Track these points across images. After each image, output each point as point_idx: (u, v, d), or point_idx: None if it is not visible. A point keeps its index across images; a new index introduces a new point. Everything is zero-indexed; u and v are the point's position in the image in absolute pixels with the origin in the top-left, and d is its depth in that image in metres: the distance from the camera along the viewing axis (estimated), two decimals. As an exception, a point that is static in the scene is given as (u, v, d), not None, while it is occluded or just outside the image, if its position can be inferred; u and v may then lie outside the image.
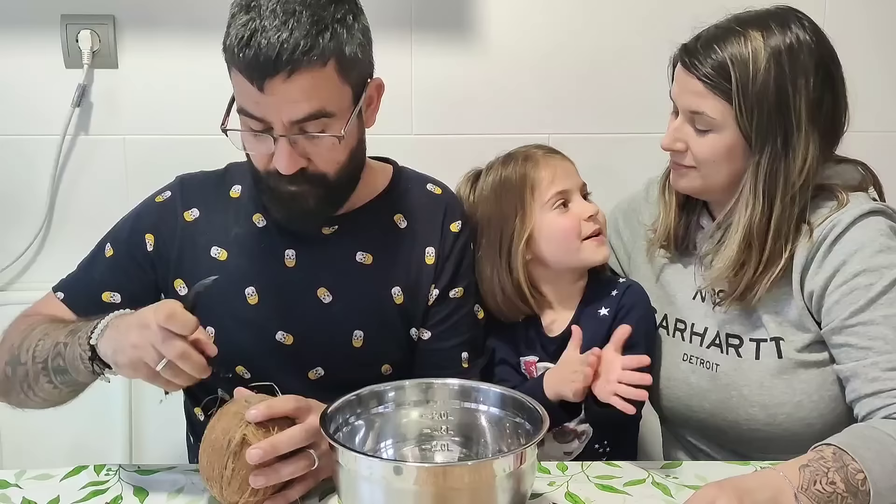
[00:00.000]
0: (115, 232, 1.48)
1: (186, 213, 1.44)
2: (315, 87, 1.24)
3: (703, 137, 1.40)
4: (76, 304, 1.43)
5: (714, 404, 1.45)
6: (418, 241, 1.45)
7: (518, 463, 1.09)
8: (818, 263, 1.36)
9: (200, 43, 1.91)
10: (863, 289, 1.31)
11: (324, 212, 1.38)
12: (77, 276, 1.48)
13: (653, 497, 1.25)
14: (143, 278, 1.44)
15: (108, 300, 1.42)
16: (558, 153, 1.55)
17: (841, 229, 1.34)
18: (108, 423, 2.00)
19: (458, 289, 1.47)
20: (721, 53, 1.36)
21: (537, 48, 1.95)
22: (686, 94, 1.40)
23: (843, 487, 1.13)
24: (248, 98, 1.26)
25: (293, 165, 1.28)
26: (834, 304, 1.33)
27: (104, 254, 1.46)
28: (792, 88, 1.34)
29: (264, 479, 1.15)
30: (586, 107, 1.98)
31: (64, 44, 1.89)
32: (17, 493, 1.22)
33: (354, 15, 1.29)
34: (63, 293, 1.45)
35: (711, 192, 1.46)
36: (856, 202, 1.37)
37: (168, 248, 1.44)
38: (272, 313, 1.41)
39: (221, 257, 1.42)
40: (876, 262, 1.31)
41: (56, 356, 1.26)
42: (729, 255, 1.39)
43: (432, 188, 1.52)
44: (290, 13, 1.22)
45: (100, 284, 1.44)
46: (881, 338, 1.29)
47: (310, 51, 1.21)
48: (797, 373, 1.39)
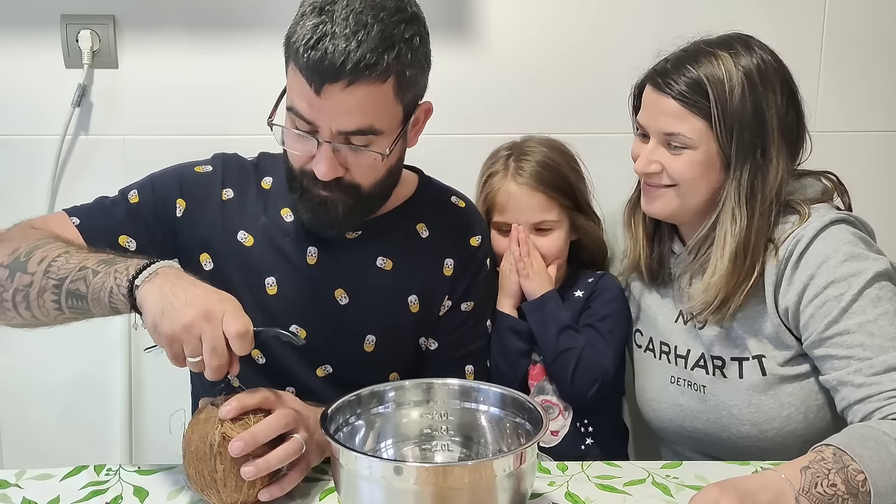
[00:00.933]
0: (143, 184, 1.45)
1: (224, 192, 1.44)
2: (370, 101, 1.25)
3: (679, 156, 1.41)
4: (91, 235, 1.38)
5: (706, 424, 1.47)
6: (438, 252, 1.46)
7: (518, 463, 1.09)
8: (787, 280, 1.37)
9: (200, 43, 1.91)
10: (833, 300, 1.33)
11: (350, 222, 1.38)
12: (95, 210, 1.43)
13: (653, 497, 1.25)
14: (160, 237, 1.42)
15: (123, 244, 1.39)
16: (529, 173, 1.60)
17: (805, 243, 1.36)
18: (108, 423, 2.00)
19: (470, 302, 1.48)
20: (695, 72, 1.39)
21: (537, 48, 1.95)
22: (660, 116, 1.41)
23: (844, 489, 1.14)
24: (301, 98, 1.26)
25: (332, 172, 1.29)
26: (809, 319, 1.35)
27: (128, 199, 1.43)
28: (765, 104, 1.38)
29: (254, 469, 1.14)
30: (586, 107, 1.98)
31: (64, 44, 1.89)
32: (17, 493, 1.22)
33: (422, 38, 1.29)
34: (79, 220, 1.40)
35: (685, 214, 1.46)
36: (817, 214, 1.39)
37: (198, 220, 1.42)
38: (288, 306, 1.41)
39: (247, 243, 1.42)
40: (842, 271, 1.33)
41: (78, 280, 1.21)
42: (723, 266, 1.39)
43: (456, 201, 1.53)
44: (362, 25, 1.22)
45: (119, 226, 1.40)
46: (859, 345, 1.30)
47: (374, 66, 1.22)
48: (783, 387, 1.41)
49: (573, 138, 1.79)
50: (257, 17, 1.91)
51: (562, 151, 1.65)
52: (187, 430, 1.19)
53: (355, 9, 1.23)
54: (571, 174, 1.63)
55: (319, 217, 1.35)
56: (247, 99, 1.92)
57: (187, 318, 1.11)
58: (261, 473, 1.15)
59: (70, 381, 2.01)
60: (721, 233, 1.40)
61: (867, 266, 1.33)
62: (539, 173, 1.59)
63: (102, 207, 1.43)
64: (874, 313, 1.31)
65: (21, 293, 1.25)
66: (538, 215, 1.58)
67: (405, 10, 1.27)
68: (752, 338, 1.41)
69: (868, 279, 1.32)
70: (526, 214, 1.58)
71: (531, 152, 1.62)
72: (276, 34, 1.99)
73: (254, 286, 1.41)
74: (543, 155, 1.62)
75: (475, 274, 1.49)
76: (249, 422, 1.16)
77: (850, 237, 1.36)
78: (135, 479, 1.27)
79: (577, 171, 1.65)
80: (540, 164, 1.60)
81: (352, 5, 1.24)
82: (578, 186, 1.63)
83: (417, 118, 1.37)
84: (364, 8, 1.24)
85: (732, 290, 1.39)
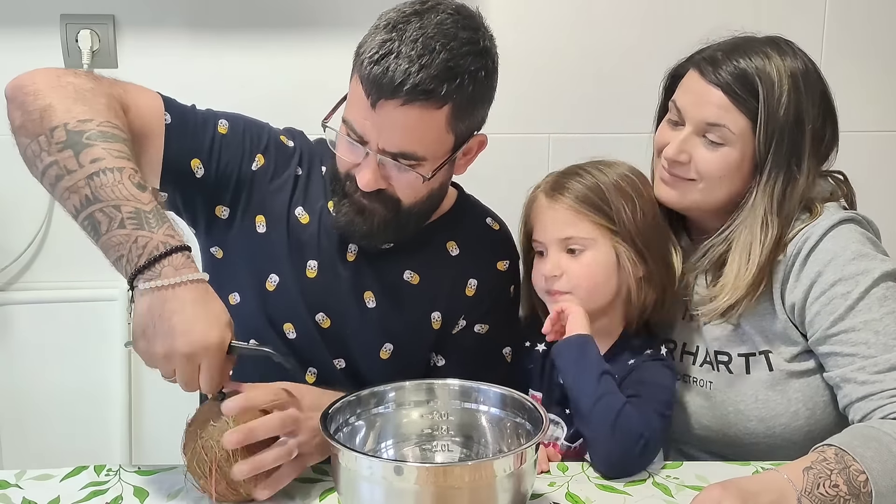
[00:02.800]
0: (233, 118, 1.42)
1: (298, 168, 1.44)
2: (420, 125, 1.25)
3: (713, 151, 1.38)
4: (172, 140, 1.32)
5: (713, 421, 1.46)
6: (464, 271, 1.45)
7: (518, 463, 1.09)
8: (795, 276, 1.37)
9: (200, 43, 1.91)
10: (840, 297, 1.32)
11: (382, 235, 1.38)
12: (188, 119, 1.36)
13: (653, 497, 1.25)
14: (226, 177, 1.38)
15: (194, 168, 1.35)
16: (564, 193, 1.41)
17: (814, 241, 1.36)
18: (108, 423, 2.00)
19: (485, 325, 1.47)
20: (746, 67, 1.35)
21: (537, 48, 1.95)
22: (705, 104, 1.37)
23: (846, 490, 1.14)
24: (357, 110, 1.27)
25: (373, 184, 1.30)
26: (815, 316, 1.35)
27: (217, 126, 1.38)
28: (805, 114, 1.36)
29: (248, 468, 1.14)
30: (586, 107, 1.98)
31: (64, 43, 1.89)
32: (17, 493, 1.22)
33: (488, 72, 1.29)
34: (170, 119, 1.32)
35: (701, 209, 1.44)
36: (827, 213, 1.39)
37: (268, 182, 1.41)
38: (322, 293, 1.41)
39: (304, 220, 1.41)
40: (850, 270, 1.33)
41: (105, 215, 1.13)
42: (750, 273, 1.37)
43: (491, 223, 1.52)
44: (430, 50, 1.22)
45: (199, 148, 1.35)
46: (864, 343, 1.30)
47: (431, 92, 1.23)
48: (790, 383, 1.40)
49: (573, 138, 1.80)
50: (257, 18, 1.91)
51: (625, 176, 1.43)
52: (191, 420, 1.20)
53: (427, 33, 1.23)
54: (618, 196, 1.40)
55: (355, 224, 1.35)
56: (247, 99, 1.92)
57: (163, 352, 1.10)
58: (254, 472, 1.15)
59: (70, 381, 2.01)
60: (746, 239, 1.37)
61: (875, 266, 1.33)
62: (572, 186, 1.41)
63: (195, 121, 1.37)
64: (880, 312, 1.31)
65: (57, 170, 1.16)
66: (564, 230, 1.41)
67: (476, 43, 1.27)
68: (759, 334, 1.41)
69: (875, 278, 1.32)
70: (551, 230, 1.42)
71: (580, 170, 1.44)
72: (276, 34, 1.99)
73: (296, 263, 1.40)
74: (590, 172, 1.43)
75: (496, 298, 1.48)
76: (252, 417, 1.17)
77: (858, 236, 1.36)
78: (135, 479, 1.27)
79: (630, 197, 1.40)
80: (578, 179, 1.42)
81: (424, 29, 1.24)
82: (626, 210, 1.39)
83: (470, 148, 1.37)
84: (436, 34, 1.23)
85: (751, 293, 1.38)
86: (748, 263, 1.37)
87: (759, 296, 1.39)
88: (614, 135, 1.96)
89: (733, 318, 1.41)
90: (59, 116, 1.18)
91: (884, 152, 2.04)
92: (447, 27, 1.25)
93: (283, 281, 1.40)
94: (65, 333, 1.99)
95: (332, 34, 1.89)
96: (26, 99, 1.21)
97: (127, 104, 1.28)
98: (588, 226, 1.38)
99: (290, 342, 1.41)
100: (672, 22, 1.92)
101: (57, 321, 1.98)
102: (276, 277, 1.40)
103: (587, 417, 1.31)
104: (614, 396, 1.31)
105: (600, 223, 1.38)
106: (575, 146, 1.71)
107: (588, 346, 1.35)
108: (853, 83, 1.96)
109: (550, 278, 1.40)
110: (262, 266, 1.40)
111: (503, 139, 1.69)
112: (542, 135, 1.98)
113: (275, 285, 1.40)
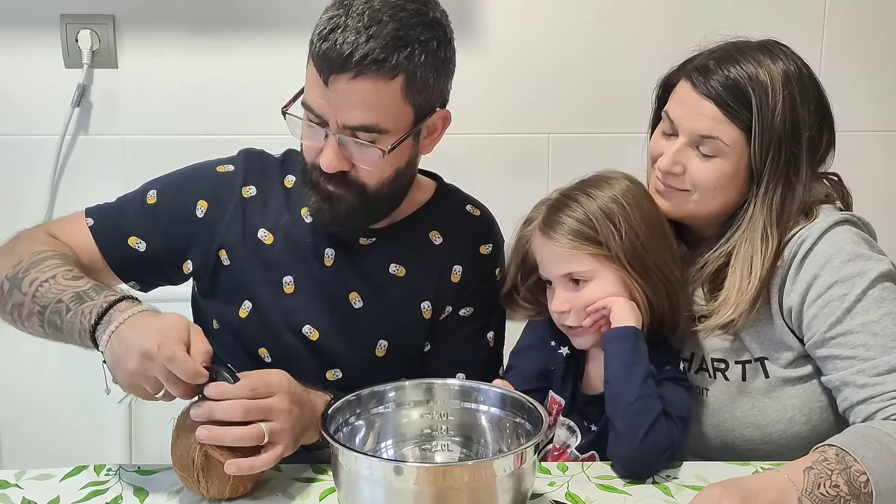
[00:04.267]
0: (164, 182, 1.46)
1: (245, 189, 1.44)
2: (375, 97, 1.25)
3: (706, 163, 1.36)
4: (102, 237, 1.41)
5: (708, 428, 1.45)
6: (449, 259, 1.45)
7: (518, 463, 1.09)
8: (791, 280, 1.36)
9: (200, 43, 1.91)
10: (837, 300, 1.31)
11: (354, 221, 1.38)
12: (111, 211, 1.44)
13: (653, 497, 1.25)
14: (175, 238, 1.42)
15: (133, 245, 1.41)
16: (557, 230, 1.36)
17: (810, 244, 1.35)
18: (108, 423, 2.00)
19: (469, 308, 1.47)
20: (738, 77, 1.33)
21: (537, 48, 1.95)
22: (697, 117, 1.35)
23: (847, 490, 1.13)
24: (313, 91, 1.28)
25: (335, 165, 1.30)
26: (813, 319, 1.34)
27: (146, 199, 1.43)
28: (801, 121, 1.34)
29: (207, 433, 1.15)
30: (586, 107, 1.98)
31: (64, 43, 1.89)
32: (17, 493, 1.22)
33: (440, 43, 1.29)
34: (93, 221, 1.42)
35: (696, 218, 1.43)
36: (822, 216, 1.37)
37: (218, 219, 1.43)
38: (304, 305, 1.41)
39: (267, 241, 1.42)
40: (846, 272, 1.32)
41: (55, 312, 1.24)
42: (752, 287, 1.35)
43: (471, 209, 1.52)
44: (377, 21, 1.23)
45: (131, 226, 1.42)
46: (862, 345, 1.29)
47: (381, 62, 1.23)
48: (786, 389, 1.40)
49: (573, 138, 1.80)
50: (257, 18, 1.91)
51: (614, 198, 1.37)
52: (173, 429, 1.21)
53: (373, 5, 1.24)
54: (606, 224, 1.34)
55: (323, 212, 1.36)
56: (247, 99, 1.92)
57: (131, 365, 1.14)
58: (212, 441, 1.15)
59: (70, 381, 2.01)
60: (747, 252, 1.36)
61: (871, 267, 1.32)
62: (564, 221, 1.36)
63: (118, 209, 1.44)
64: (878, 314, 1.30)
65: (16, 310, 1.30)
66: (563, 267, 1.37)
67: (426, 14, 1.27)
68: (755, 341, 1.40)
69: (872, 280, 1.31)
70: (550, 268, 1.38)
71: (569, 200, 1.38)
72: (276, 34, 1.99)
73: (272, 284, 1.41)
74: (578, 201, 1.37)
75: (480, 282, 1.47)
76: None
77: (853, 237, 1.35)
78: (135, 479, 1.27)
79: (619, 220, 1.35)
80: (569, 212, 1.37)
81: (371, 2, 1.25)
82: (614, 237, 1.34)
83: (434, 125, 1.37)
84: (382, 6, 1.24)
85: (753, 307, 1.36)
86: (750, 277, 1.35)
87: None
88: (614, 135, 1.96)
89: (732, 330, 1.39)
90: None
91: (884, 152, 2.04)
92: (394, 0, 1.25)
93: (256, 306, 1.41)
94: (65, 333, 1.99)
95: (332, 34, 1.90)
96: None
97: (53, 233, 1.41)
98: (585, 259, 1.35)
99: (269, 366, 1.40)
100: (672, 22, 1.92)
101: (57, 321, 1.98)
102: (249, 304, 1.41)
103: (623, 413, 1.29)
104: (655, 402, 1.29)
105: (597, 253, 1.35)
106: (575, 146, 1.71)
107: (640, 341, 1.33)
108: (853, 83, 1.96)
109: (560, 314, 1.39)
110: (235, 296, 1.42)
111: (503, 139, 1.69)
112: (542, 135, 1.98)
113: (247, 312, 1.41)
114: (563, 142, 1.98)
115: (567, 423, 1.42)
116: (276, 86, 1.89)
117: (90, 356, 2.01)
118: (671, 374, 1.38)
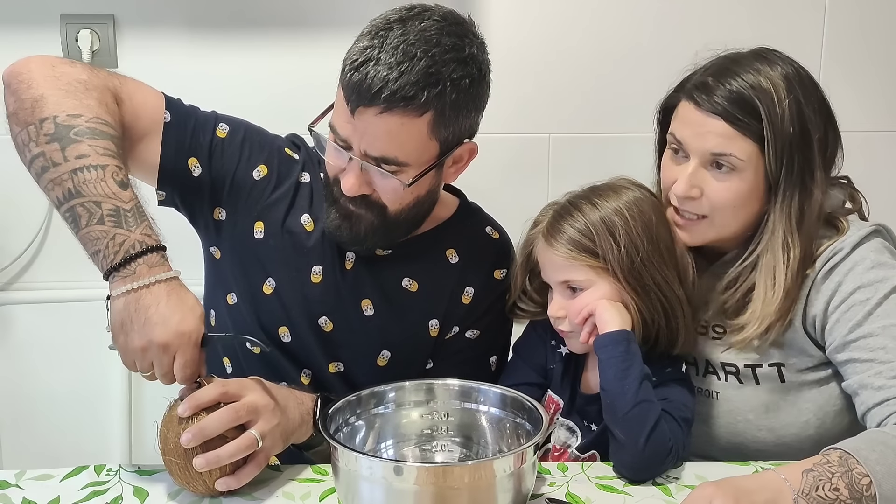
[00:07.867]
0: (235, 123, 1.43)
1: (302, 175, 1.44)
2: (401, 132, 1.25)
3: (724, 182, 1.33)
4: (170, 142, 1.34)
5: (720, 430, 1.44)
6: (462, 279, 1.45)
7: (518, 463, 1.10)
8: (817, 289, 1.35)
9: (200, 43, 1.91)
10: (859, 304, 1.31)
11: (371, 241, 1.38)
12: (187, 120, 1.37)
13: (653, 497, 1.25)
14: (218, 180, 1.39)
15: (191, 166, 1.37)
16: (558, 238, 1.36)
17: (842, 256, 1.34)
18: (108, 423, 2.00)
19: (476, 331, 1.47)
20: (741, 88, 1.31)
21: (537, 48, 1.95)
22: (706, 135, 1.32)
23: (847, 494, 1.11)
24: (340, 116, 1.28)
25: (356, 190, 1.30)
26: (835, 324, 1.33)
27: (217, 130, 1.39)
28: (809, 123, 1.33)
29: (204, 461, 1.14)
30: (586, 107, 1.98)
31: (64, 43, 1.89)
32: (17, 493, 1.22)
33: (473, 80, 1.28)
34: (170, 118, 1.35)
35: (721, 240, 1.41)
36: (854, 228, 1.37)
37: (270, 193, 1.41)
38: (325, 298, 1.41)
39: (308, 227, 1.42)
40: (869, 277, 1.32)
41: (83, 210, 1.15)
42: (777, 298, 1.33)
43: (490, 231, 1.51)
44: (410, 57, 1.22)
45: (197, 149, 1.37)
46: (881, 348, 1.28)
47: (410, 99, 1.22)
48: (801, 393, 1.39)
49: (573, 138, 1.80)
50: (258, 18, 1.91)
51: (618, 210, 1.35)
52: (161, 427, 1.21)
53: (408, 40, 1.23)
54: (606, 236, 1.33)
55: (342, 229, 1.36)
56: (246, 99, 1.92)
57: (138, 342, 1.13)
58: (211, 466, 1.15)
59: (70, 381, 2.01)
60: (769, 263, 1.34)
61: (893, 273, 1.32)
62: (566, 230, 1.36)
63: (195, 121, 1.38)
64: None
65: (41, 162, 1.18)
66: (562, 274, 1.37)
67: (461, 50, 1.26)
68: (774, 346, 1.38)
69: (894, 285, 1.30)
70: (550, 273, 1.38)
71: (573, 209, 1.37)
72: (276, 34, 1.99)
73: (301, 268, 1.41)
74: (582, 211, 1.36)
75: (490, 305, 1.47)
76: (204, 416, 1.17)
77: (878, 246, 1.35)
78: (135, 479, 1.27)
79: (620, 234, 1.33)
80: (571, 221, 1.36)
81: (406, 36, 1.23)
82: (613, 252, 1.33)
83: (461, 156, 1.36)
84: (417, 41, 1.23)
85: (782, 318, 1.34)
86: (774, 287, 1.34)
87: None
88: (614, 135, 1.97)
89: (766, 340, 1.36)
90: (50, 108, 1.20)
91: (884, 152, 2.04)
92: (430, 34, 1.24)
93: (281, 286, 1.41)
94: (65, 333, 1.99)
95: (333, 34, 1.89)
96: (20, 87, 1.23)
97: (121, 97, 1.30)
98: (583, 269, 1.35)
99: (285, 345, 1.41)
100: (672, 22, 1.92)
101: (57, 321, 1.98)
102: (273, 282, 1.41)
103: (621, 420, 1.28)
104: (653, 406, 1.28)
105: (595, 265, 1.34)
106: (575, 146, 1.71)
107: (632, 344, 1.31)
108: (853, 83, 1.96)
109: (556, 319, 1.39)
110: (257, 271, 1.41)
111: (503, 139, 1.69)
112: (542, 135, 1.98)
113: (272, 289, 1.41)
114: (563, 142, 1.98)
115: (567, 423, 1.42)
116: (276, 86, 1.89)
117: (90, 356, 2.01)
118: (672, 374, 1.38)
